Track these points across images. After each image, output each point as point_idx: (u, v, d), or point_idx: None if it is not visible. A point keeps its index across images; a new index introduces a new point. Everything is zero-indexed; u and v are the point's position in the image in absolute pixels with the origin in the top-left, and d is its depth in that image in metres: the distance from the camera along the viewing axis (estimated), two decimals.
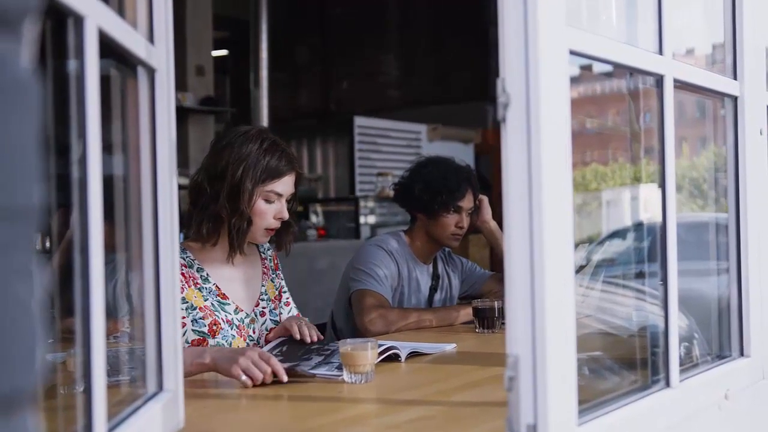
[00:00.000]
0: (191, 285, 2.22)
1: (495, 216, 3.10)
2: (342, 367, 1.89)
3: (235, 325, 2.26)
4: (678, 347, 1.53)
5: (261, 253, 2.44)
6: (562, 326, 1.18)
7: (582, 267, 2.01)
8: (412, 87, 9.38)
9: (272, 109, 7.80)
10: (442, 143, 7.83)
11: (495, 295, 2.88)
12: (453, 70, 8.96)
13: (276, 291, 2.45)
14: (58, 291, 1.11)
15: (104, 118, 1.02)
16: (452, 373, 2.08)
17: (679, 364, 1.53)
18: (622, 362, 1.74)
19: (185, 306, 2.18)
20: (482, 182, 3.24)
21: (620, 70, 1.63)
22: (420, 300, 3.03)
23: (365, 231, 7.05)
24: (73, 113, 0.97)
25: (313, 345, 2.15)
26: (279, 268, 2.50)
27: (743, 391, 1.76)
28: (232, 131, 2.30)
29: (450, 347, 2.35)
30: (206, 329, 2.19)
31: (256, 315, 2.35)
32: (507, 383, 1.16)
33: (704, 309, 1.96)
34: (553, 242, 1.15)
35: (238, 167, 2.20)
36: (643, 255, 1.91)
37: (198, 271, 2.26)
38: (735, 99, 1.82)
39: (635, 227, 2.08)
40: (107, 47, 1.08)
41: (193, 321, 2.19)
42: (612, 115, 2.10)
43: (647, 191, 1.85)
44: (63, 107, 0.98)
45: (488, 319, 2.65)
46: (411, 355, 2.18)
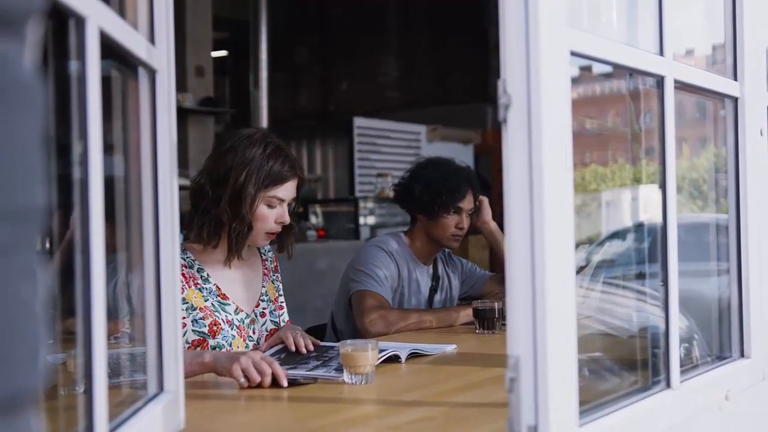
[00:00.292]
0: (191, 285, 2.22)
1: (495, 217, 3.11)
2: (341, 370, 1.89)
3: (235, 326, 2.26)
4: (678, 348, 1.53)
5: (262, 254, 2.44)
6: (563, 327, 1.18)
7: (582, 268, 2.01)
8: (412, 88, 9.38)
9: (272, 110, 7.80)
10: (442, 144, 7.83)
11: (495, 296, 2.88)
12: (452, 71, 8.96)
13: (276, 292, 2.45)
14: (59, 291, 1.11)
15: (105, 119, 1.01)
16: (453, 374, 2.08)
17: (680, 365, 1.53)
18: (623, 363, 1.74)
19: (185, 306, 2.18)
20: (481, 183, 3.24)
21: (619, 71, 1.63)
22: (420, 301, 3.03)
23: (365, 232, 7.05)
24: (75, 114, 0.97)
25: (311, 353, 2.14)
26: (278, 270, 2.50)
27: (744, 392, 1.76)
28: (235, 134, 2.29)
29: (450, 348, 2.35)
30: (206, 329, 2.19)
31: (257, 315, 2.35)
32: (508, 384, 1.16)
33: (704, 310, 1.96)
34: (554, 243, 1.15)
35: (241, 172, 2.19)
36: (643, 256, 1.91)
37: (198, 272, 2.26)
38: (735, 100, 1.82)
39: (635, 228, 2.09)
40: (108, 48, 1.08)
41: (193, 321, 2.19)
42: (611, 116, 2.10)
43: (647, 192, 1.85)
44: (64, 108, 0.98)
45: (488, 320, 2.64)
46: (411, 356, 2.18)
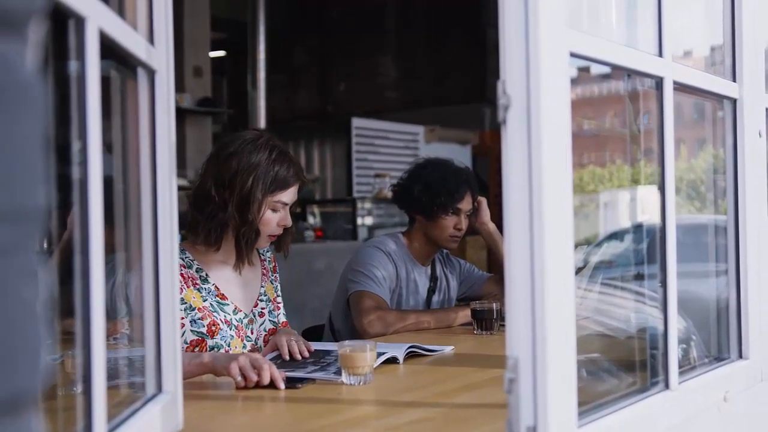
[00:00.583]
0: (190, 286, 2.22)
1: (492, 217, 3.11)
2: (340, 374, 1.89)
3: (234, 326, 2.26)
4: (677, 349, 1.53)
5: (260, 255, 2.44)
6: (563, 328, 1.18)
7: (580, 269, 2.01)
8: (410, 88, 9.38)
9: (270, 111, 7.81)
10: (440, 144, 7.84)
11: (493, 297, 2.88)
12: (451, 72, 8.96)
13: (274, 293, 2.46)
14: (56, 291, 1.11)
15: (104, 119, 1.01)
16: (451, 375, 2.08)
17: (678, 366, 1.53)
18: (621, 364, 1.74)
19: (183, 307, 2.18)
20: (479, 184, 3.24)
21: (618, 72, 1.63)
22: (418, 301, 3.03)
23: (363, 232, 7.05)
24: (74, 114, 0.97)
25: (309, 358, 2.14)
26: (277, 271, 2.50)
27: (742, 393, 1.76)
28: (237, 138, 2.28)
29: (448, 349, 2.35)
30: (205, 330, 2.19)
31: (255, 315, 2.35)
32: (507, 385, 1.16)
33: (702, 311, 1.96)
34: (554, 244, 1.15)
35: (248, 177, 2.19)
36: (641, 257, 1.91)
37: (197, 272, 2.26)
38: (734, 101, 1.82)
39: (633, 229, 2.09)
40: (107, 48, 1.07)
41: (192, 321, 2.19)
42: (609, 117, 2.10)
43: (645, 193, 1.85)
44: (63, 108, 0.98)
45: (487, 321, 2.64)
46: (409, 357, 2.18)
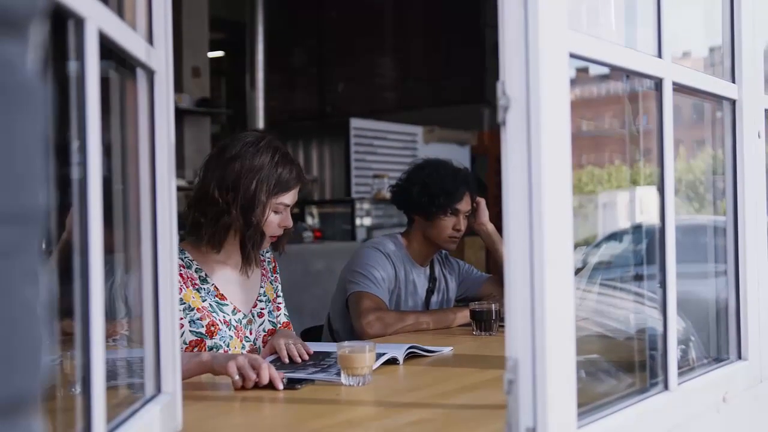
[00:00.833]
0: (189, 286, 2.22)
1: (491, 218, 3.11)
2: (339, 373, 1.89)
3: (233, 326, 2.26)
4: (676, 350, 1.53)
5: (260, 255, 2.44)
6: (562, 329, 1.17)
7: (579, 270, 2.01)
8: (409, 89, 9.38)
9: (268, 111, 7.80)
10: (438, 145, 7.83)
11: (492, 298, 2.88)
12: (449, 73, 8.96)
13: (274, 293, 2.46)
14: (56, 293, 1.11)
15: (103, 120, 1.01)
16: (450, 376, 2.08)
17: (677, 367, 1.53)
18: (620, 365, 1.74)
19: (182, 307, 2.18)
20: (478, 185, 3.24)
21: (616, 73, 1.63)
22: (417, 302, 3.03)
23: (361, 233, 7.04)
24: (74, 115, 0.97)
25: (308, 361, 2.13)
26: (277, 271, 2.50)
27: (741, 394, 1.76)
28: (238, 140, 2.27)
29: (447, 350, 2.34)
30: (204, 330, 2.19)
31: (254, 316, 2.35)
32: (506, 386, 1.16)
33: (702, 312, 1.97)
34: (554, 245, 1.15)
35: (252, 180, 2.20)
36: (640, 258, 1.91)
37: (197, 272, 2.26)
38: (733, 102, 1.82)
39: (632, 230, 2.09)
40: (107, 49, 1.07)
41: (191, 322, 2.19)
42: (608, 118, 2.10)
43: (644, 194, 1.85)
44: (63, 108, 0.97)
45: (486, 322, 2.64)
46: (409, 358, 2.18)
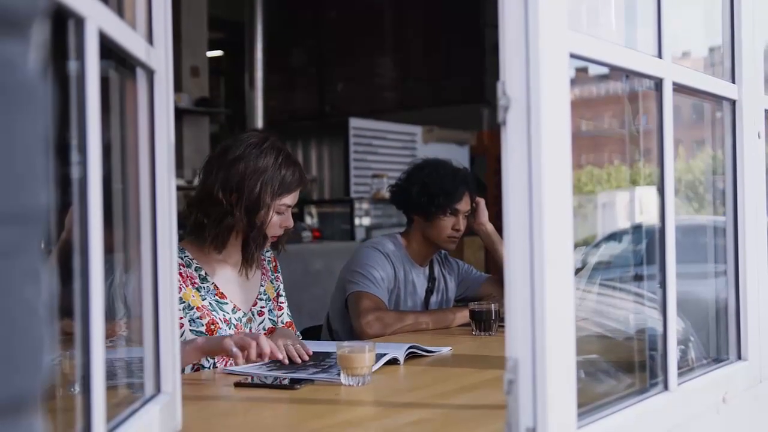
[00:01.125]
0: (189, 284, 2.22)
1: (490, 218, 3.11)
2: (340, 374, 1.88)
3: (233, 325, 2.26)
4: (676, 350, 1.53)
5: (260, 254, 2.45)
6: (562, 329, 1.17)
7: (578, 270, 2.01)
8: (408, 89, 9.38)
9: (267, 111, 7.80)
10: (438, 145, 7.83)
11: (492, 298, 2.88)
12: (449, 73, 8.97)
13: (275, 292, 2.46)
14: (55, 292, 1.10)
15: (103, 120, 1.01)
16: (450, 376, 2.07)
17: (677, 368, 1.53)
18: (620, 365, 1.74)
19: (182, 306, 2.18)
20: (477, 184, 3.24)
21: (616, 73, 1.63)
22: (416, 302, 3.03)
23: (360, 233, 7.04)
24: (74, 114, 0.97)
25: (308, 362, 2.13)
26: (278, 270, 2.51)
27: (741, 395, 1.76)
28: (242, 142, 2.27)
29: (446, 350, 2.34)
30: (203, 329, 2.19)
31: (254, 314, 2.35)
32: (506, 386, 1.16)
33: (701, 312, 1.96)
34: (554, 245, 1.15)
35: (256, 182, 2.20)
36: (640, 258, 1.91)
37: (196, 270, 2.26)
38: (733, 102, 1.82)
39: (631, 230, 2.09)
40: (107, 48, 1.07)
41: (191, 321, 2.19)
42: (607, 118, 2.10)
43: (643, 194, 1.85)
44: (63, 108, 0.97)
45: (485, 322, 2.64)
46: (408, 358, 2.18)
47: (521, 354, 1.14)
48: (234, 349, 1.84)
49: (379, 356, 2.04)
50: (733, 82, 1.82)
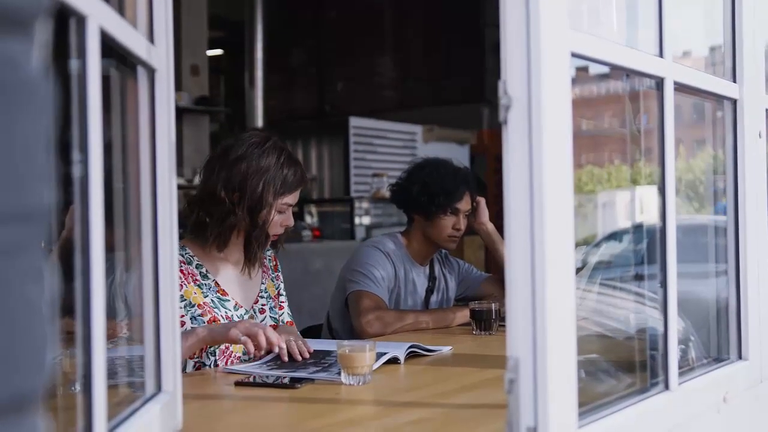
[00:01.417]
0: (191, 282, 2.23)
1: (490, 217, 3.11)
2: (340, 373, 1.88)
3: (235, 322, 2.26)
4: (677, 350, 1.53)
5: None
6: (563, 328, 1.17)
7: (579, 269, 2.01)
8: (408, 88, 9.38)
9: (267, 110, 7.79)
10: (438, 144, 7.83)
11: (492, 298, 2.88)
12: (449, 72, 8.96)
13: (276, 290, 2.46)
14: (56, 291, 1.10)
15: (104, 118, 1.01)
16: (450, 376, 2.07)
17: (678, 367, 1.53)
18: (621, 365, 1.74)
19: (183, 304, 2.18)
20: (478, 184, 3.24)
21: (616, 72, 1.63)
22: (416, 302, 3.03)
23: (360, 232, 7.04)
24: (75, 113, 0.97)
25: (309, 360, 2.13)
26: (279, 269, 2.51)
27: (742, 394, 1.76)
28: (244, 141, 2.28)
29: (446, 350, 2.34)
30: None
31: (255, 312, 2.36)
32: (507, 386, 1.16)
33: (702, 312, 1.96)
34: (555, 244, 1.15)
35: (258, 181, 2.21)
36: (640, 257, 1.91)
37: (197, 268, 2.27)
38: (734, 102, 1.82)
39: (632, 230, 2.08)
40: (108, 47, 1.07)
41: (192, 318, 2.19)
42: (608, 117, 2.10)
43: (643, 193, 1.85)
44: (64, 106, 0.97)
45: (485, 322, 2.64)
46: (409, 357, 2.18)
47: (522, 353, 1.14)
48: (242, 338, 1.85)
49: (380, 355, 2.04)
50: (734, 82, 1.82)
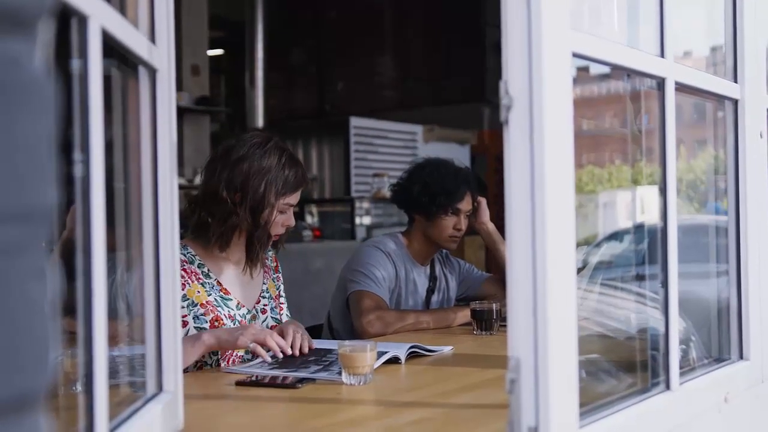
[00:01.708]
0: (194, 280, 2.23)
1: (490, 217, 3.11)
2: (341, 373, 1.88)
3: (237, 321, 2.27)
4: (678, 350, 1.53)
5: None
6: (564, 328, 1.17)
7: (579, 269, 2.01)
8: (408, 88, 9.38)
9: (268, 110, 7.80)
10: (438, 144, 7.83)
11: (493, 298, 2.88)
12: (449, 72, 8.96)
13: (276, 291, 2.47)
14: (57, 291, 1.10)
15: (105, 118, 1.01)
16: (451, 376, 2.07)
17: (679, 367, 1.53)
18: (622, 365, 1.74)
19: (186, 303, 2.19)
20: (479, 184, 3.24)
21: (617, 72, 1.63)
22: (417, 302, 3.03)
23: (361, 232, 7.04)
24: (77, 113, 0.97)
25: (310, 357, 2.13)
26: (279, 270, 2.51)
27: (743, 394, 1.76)
28: (246, 142, 2.28)
29: (447, 350, 2.34)
30: (208, 326, 2.20)
31: (257, 312, 2.36)
32: (508, 385, 1.16)
33: (703, 312, 1.96)
34: (556, 244, 1.15)
35: (260, 182, 2.22)
36: (641, 257, 1.91)
37: (199, 267, 2.27)
38: (735, 102, 1.82)
39: (633, 230, 2.08)
40: (109, 47, 1.07)
41: (195, 318, 2.19)
42: (608, 117, 2.10)
43: (644, 193, 1.85)
44: (65, 106, 0.97)
45: (486, 321, 2.64)
46: (409, 357, 2.18)
47: (523, 353, 1.14)
48: (252, 345, 1.86)
49: (380, 355, 2.04)
50: (736, 82, 1.82)
